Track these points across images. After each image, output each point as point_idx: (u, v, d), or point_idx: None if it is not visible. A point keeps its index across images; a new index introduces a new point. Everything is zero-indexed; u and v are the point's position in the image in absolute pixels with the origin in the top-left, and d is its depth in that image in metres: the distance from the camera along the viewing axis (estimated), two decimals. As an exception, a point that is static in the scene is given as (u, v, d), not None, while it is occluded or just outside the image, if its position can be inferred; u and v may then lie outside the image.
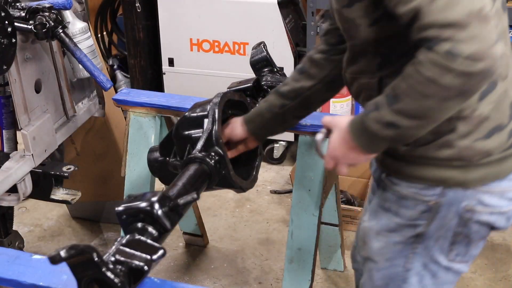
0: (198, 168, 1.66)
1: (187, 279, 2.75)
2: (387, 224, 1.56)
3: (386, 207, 1.56)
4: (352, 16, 1.41)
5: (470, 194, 1.45)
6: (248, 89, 1.97)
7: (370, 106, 1.36)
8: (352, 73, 1.55)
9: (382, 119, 1.32)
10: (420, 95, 1.26)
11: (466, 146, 1.41)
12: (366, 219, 1.63)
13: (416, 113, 1.29)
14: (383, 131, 1.33)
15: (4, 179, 2.09)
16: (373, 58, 1.46)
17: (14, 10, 2.05)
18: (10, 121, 2.27)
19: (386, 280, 1.61)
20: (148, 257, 1.27)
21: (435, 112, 1.28)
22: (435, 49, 1.20)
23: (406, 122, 1.30)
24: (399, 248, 1.56)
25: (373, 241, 1.59)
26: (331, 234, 2.61)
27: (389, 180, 1.54)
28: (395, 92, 1.30)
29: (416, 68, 1.25)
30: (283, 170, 3.54)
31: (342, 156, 1.46)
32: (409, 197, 1.49)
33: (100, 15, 4.30)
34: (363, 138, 1.39)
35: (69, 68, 2.36)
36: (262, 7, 3.23)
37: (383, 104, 1.32)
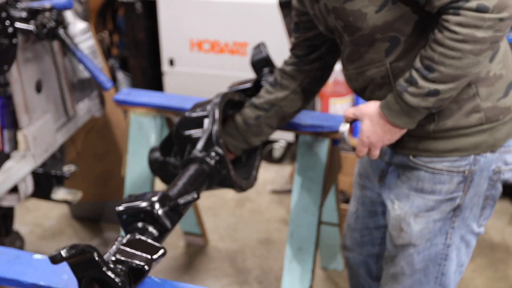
0: (198, 168, 1.67)
1: (187, 279, 2.75)
2: (424, 204, 1.61)
3: (419, 187, 1.61)
4: (357, 7, 1.45)
5: (497, 157, 1.56)
6: (248, 89, 1.98)
7: (401, 85, 1.44)
8: (355, 68, 1.58)
9: (421, 92, 1.41)
10: (457, 57, 1.35)
11: (491, 107, 1.51)
12: (396, 207, 1.66)
13: (454, 75, 1.38)
14: (423, 102, 1.42)
15: (5, 179, 2.09)
16: (380, 46, 1.50)
17: (15, 11, 2.05)
18: (11, 121, 2.27)
19: (426, 262, 1.67)
20: (149, 257, 1.28)
21: (472, 67, 1.38)
22: (463, 9, 1.31)
23: (445, 87, 1.39)
24: (439, 226, 1.62)
25: (412, 225, 1.64)
26: (331, 234, 2.61)
27: (418, 160, 1.59)
28: (427, 62, 1.39)
29: (448, 32, 1.34)
30: (283, 170, 3.54)
31: (377, 140, 1.54)
32: (444, 171, 1.57)
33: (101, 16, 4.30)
34: (402, 116, 1.47)
35: (70, 68, 2.36)
36: (262, 8, 3.24)
37: (417, 78, 1.41)
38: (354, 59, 1.58)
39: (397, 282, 1.74)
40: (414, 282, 1.71)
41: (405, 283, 1.72)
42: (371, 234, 1.92)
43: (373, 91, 1.58)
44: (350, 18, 1.48)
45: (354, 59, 1.58)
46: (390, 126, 1.50)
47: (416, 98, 1.42)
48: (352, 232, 1.96)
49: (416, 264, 1.68)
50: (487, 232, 2.97)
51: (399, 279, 1.73)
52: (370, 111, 1.53)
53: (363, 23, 1.47)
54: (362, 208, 1.89)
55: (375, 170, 1.77)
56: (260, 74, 2.04)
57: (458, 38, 1.34)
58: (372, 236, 1.92)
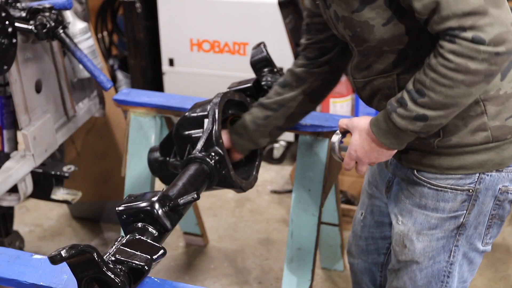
0: (198, 168, 1.67)
1: (187, 279, 2.75)
2: (427, 222, 1.58)
3: (422, 204, 1.57)
4: (364, 19, 1.42)
5: (504, 176, 1.52)
6: (248, 89, 1.97)
7: (392, 104, 1.40)
8: (364, 77, 1.56)
9: (409, 115, 1.37)
10: (448, 85, 1.30)
11: (498, 126, 1.47)
12: (400, 223, 1.63)
13: (443, 103, 1.33)
14: (411, 126, 1.38)
15: (5, 179, 2.09)
16: (387, 57, 1.48)
17: (15, 11, 2.05)
18: (11, 121, 2.27)
19: (429, 278, 1.64)
20: (148, 257, 1.28)
21: (463, 98, 1.32)
22: (459, 38, 1.26)
23: (433, 113, 1.35)
24: (442, 244, 1.59)
25: (415, 242, 1.61)
26: (331, 234, 2.61)
27: (421, 175, 1.56)
28: (419, 86, 1.34)
29: (441, 59, 1.30)
30: (283, 170, 3.54)
31: (364, 156, 1.51)
32: (448, 189, 1.53)
33: (100, 15, 4.30)
34: (389, 135, 1.43)
35: (70, 68, 2.36)
36: (262, 7, 3.24)
37: (407, 100, 1.37)
38: (362, 68, 1.56)
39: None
40: None
41: None
42: (376, 244, 1.90)
43: (380, 101, 1.55)
44: (357, 29, 1.45)
45: (362, 68, 1.56)
46: (377, 144, 1.47)
47: (404, 121, 1.39)
48: (358, 240, 1.93)
49: (419, 280, 1.65)
50: (487, 232, 2.97)
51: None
52: (360, 125, 1.50)
53: (370, 35, 1.44)
54: (370, 217, 1.87)
55: (383, 179, 1.75)
56: (260, 74, 2.04)
57: (451, 67, 1.29)
58: (377, 245, 1.90)
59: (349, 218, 2.96)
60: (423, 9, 1.30)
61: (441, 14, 1.27)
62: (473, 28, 1.24)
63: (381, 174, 1.76)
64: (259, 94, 2.00)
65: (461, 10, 1.25)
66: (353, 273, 2.02)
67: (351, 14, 1.43)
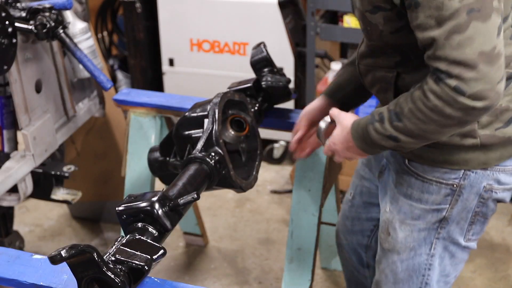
0: (198, 168, 1.67)
1: (187, 279, 2.75)
2: (410, 212, 1.60)
3: (408, 193, 1.60)
4: (375, 22, 1.44)
5: (488, 174, 1.53)
6: (248, 89, 1.97)
7: (375, 115, 1.45)
8: (367, 65, 1.59)
9: (383, 132, 1.43)
10: (422, 120, 1.36)
11: (488, 135, 1.48)
12: (387, 210, 1.66)
13: (416, 133, 1.39)
14: (382, 142, 1.44)
15: (5, 179, 2.09)
16: (391, 57, 1.51)
17: (15, 11, 2.05)
18: (11, 121, 2.27)
19: (410, 272, 1.65)
20: (148, 257, 1.28)
21: (433, 134, 1.39)
22: (443, 82, 1.29)
23: (405, 139, 1.41)
24: (424, 235, 1.61)
25: (397, 231, 1.64)
26: (331, 234, 2.61)
27: (411, 165, 1.59)
28: (399, 110, 1.39)
29: (422, 95, 1.34)
30: (283, 170, 3.54)
31: (340, 151, 1.58)
32: (433, 182, 1.55)
33: (100, 15, 4.30)
34: (362, 142, 1.50)
35: (70, 68, 2.36)
36: (262, 7, 3.23)
37: (385, 119, 1.42)
38: (368, 56, 1.59)
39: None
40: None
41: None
42: (362, 225, 1.93)
43: (379, 91, 1.58)
44: (368, 27, 1.49)
45: (368, 57, 1.59)
46: (352, 145, 1.53)
47: (378, 135, 1.44)
48: (345, 220, 1.98)
49: (399, 273, 1.67)
50: (487, 232, 2.97)
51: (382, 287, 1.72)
52: (345, 122, 1.55)
53: (377, 37, 1.48)
54: (358, 197, 1.90)
55: (377, 163, 1.78)
56: (260, 74, 2.04)
57: (428, 105, 1.33)
58: (362, 226, 1.93)
59: (349, 218, 2.96)
60: (421, 40, 1.32)
61: (435, 52, 1.29)
62: (458, 78, 1.27)
63: (376, 157, 1.79)
64: (259, 94, 2.00)
65: (453, 57, 1.27)
66: (341, 253, 2.06)
67: (364, 12, 1.46)
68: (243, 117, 1.87)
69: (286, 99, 2.06)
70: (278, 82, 2.01)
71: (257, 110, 1.97)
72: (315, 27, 3.05)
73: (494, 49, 1.27)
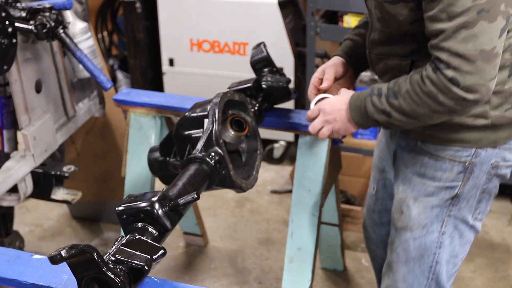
0: (198, 168, 1.67)
1: (187, 279, 2.75)
2: (424, 189, 1.67)
3: (421, 172, 1.67)
4: (395, 12, 1.50)
5: (497, 152, 1.63)
6: (248, 89, 1.97)
7: (374, 90, 1.56)
8: (380, 54, 1.65)
9: (379, 106, 1.53)
10: (416, 102, 1.47)
11: (498, 115, 1.58)
12: (400, 190, 1.73)
13: (408, 112, 1.50)
14: (375, 115, 1.55)
15: (5, 179, 2.09)
16: (408, 45, 1.56)
17: (15, 11, 2.05)
18: (11, 121, 2.27)
19: (421, 250, 1.71)
20: (148, 257, 1.28)
21: (424, 117, 1.50)
22: (441, 72, 1.41)
23: (397, 116, 1.51)
24: (436, 213, 1.68)
25: (411, 208, 1.70)
26: (331, 234, 2.61)
27: (423, 145, 1.65)
28: (397, 89, 1.50)
29: (420, 80, 1.46)
30: (283, 170, 3.54)
31: (332, 120, 1.64)
32: (446, 159, 1.62)
33: (100, 15, 4.30)
34: (358, 113, 1.59)
35: (70, 68, 2.36)
36: (262, 7, 3.23)
37: (383, 94, 1.53)
38: (381, 45, 1.63)
39: (392, 271, 1.78)
40: (408, 271, 1.74)
41: (399, 271, 1.76)
42: (389, 215, 1.97)
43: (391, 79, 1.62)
44: (386, 17, 1.54)
45: (381, 45, 1.63)
46: (346, 116, 1.62)
47: (373, 108, 1.55)
48: (371, 214, 2.03)
49: (411, 251, 1.72)
50: (487, 232, 2.97)
51: (394, 267, 1.77)
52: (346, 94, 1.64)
53: (396, 26, 1.54)
54: (382, 190, 1.96)
55: (390, 153, 1.83)
56: (260, 74, 2.04)
57: (424, 90, 1.44)
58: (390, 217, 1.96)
59: (349, 218, 2.96)
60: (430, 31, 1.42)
61: (440, 43, 1.40)
62: (456, 69, 1.39)
63: (388, 148, 1.85)
64: (259, 94, 2.00)
65: (456, 49, 1.38)
66: (369, 245, 2.11)
67: (383, 2, 1.52)
68: (243, 117, 1.87)
69: (286, 99, 2.06)
70: (278, 82, 2.01)
71: (257, 110, 1.97)
72: (315, 27, 3.05)
73: (493, 49, 1.38)
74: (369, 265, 2.79)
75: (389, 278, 1.80)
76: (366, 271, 2.76)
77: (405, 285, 1.75)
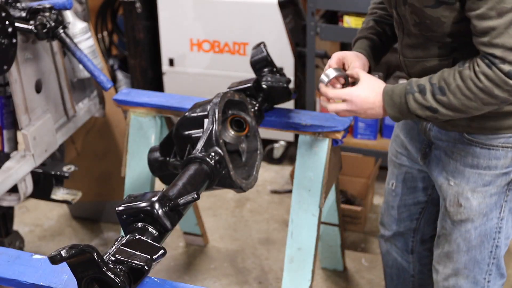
0: (198, 168, 1.67)
1: (187, 279, 2.75)
2: (480, 179, 1.69)
3: (474, 164, 1.68)
4: (437, 15, 1.51)
5: None
6: (248, 89, 1.97)
7: (414, 86, 1.55)
8: (416, 57, 1.65)
9: (424, 103, 1.54)
10: (468, 97, 1.49)
11: None
12: (452, 184, 1.74)
13: (457, 107, 1.52)
14: (418, 111, 1.55)
15: (5, 179, 2.09)
16: (448, 44, 1.57)
17: (15, 11, 2.05)
18: (11, 121, 2.28)
19: (482, 237, 1.74)
20: (148, 257, 1.28)
21: (474, 110, 1.53)
22: (496, 67, 1.44)
23: (444, 111, 1.53)
24: (495, 200, 1.71)
25: (471, 200, 1.71)
26: (331, 234, 2.61)
27: (473, 137, 1.67)
28: (443, 85, 1.52)
29: (474, 76, 1.47)
30: (283, 170, 3.54)
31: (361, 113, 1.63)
32: (499, 147, 1.65)
33: (100, 15, 4.30)
34: (395, 109, 1.59)
35: (70, 68, 2.36)
36: (262, 7, 3.23)
37: (427, 91, 1.53)
38: (416, 48, 1.64)
39: (451, 261, 1.80)
40: (469, 259, 1.77)
41: (460, 260, 1.78)
42: (409, 210, 2.00)
43: None
44: (427, 21, 1.54)
45: (416, 49, 1.64)
46: (379, 108, 1.62)
47: (416, 105, 1.55)
48: (390, 210, 2.03)
49: (473, 240, 1.75)
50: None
51: (454, 257, 1.79)
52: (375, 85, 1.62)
53: (439, 29, 1.54)
54: (402, 185, 1.97)
55: (416, 148, 1.84)
56: (260, 74, 2.04)
57: (479, 85, 1.47)
58: (410, 211, 2.00)
59: (349, 218, 2.96)
60: (479, 29, 1.44)
61: (492, 40, 1.42)
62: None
63: (412, 143, 1.86)
64: (259, 94, 2.00)
65: (510, 44, 1.41)
66: (383, 243, 2.11)
67: (423, 7, 1.52)
68: (243, 117, 1.87)
69: (286, 99, 2.06)
70: (278, 82, 2.01)
71: (257, 110, 1.97)
72: (315, 27, 3.05)
73: None
74: (369, 265, 2.79)
75: (448, 268, 1.82)
76: (366, 271, 2.76)
77: (467, 271, 1.78)
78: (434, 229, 2.04)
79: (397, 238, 2.07)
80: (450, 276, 1.82)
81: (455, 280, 1.81)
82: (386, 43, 1.86)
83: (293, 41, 3.28)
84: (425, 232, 2.04)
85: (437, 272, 1.86)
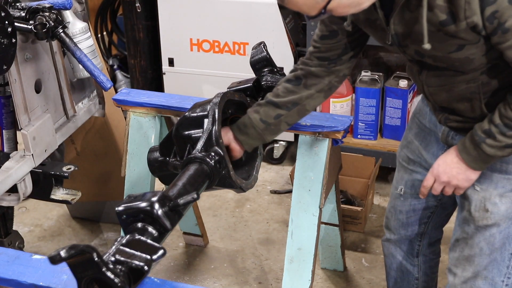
0: (198, 168, 1.67)
1: (187, 279, 2.75)
2: (509, 184, 1.71)
3: (503, 169, 1.70)
4: (464, 56, 1.53)
5: None
6: (248, 89, 1.97)
7: (479, 136, 1.60)
8: (441, 85, 1.66)
9: (499, 144, 1.59)
10: None
11: None
12: (478, 189, 1.74)
13: None
14: (500, 152, 1.60)
15: (4, 179, 2.09)
16: (477, 71, 1.58)
17: (14, 10, 2.05)
18: (10, 121, 2.27)
19: (504, 239, 1.75)
20: (148, 257, 1.27)
21: None
22: None
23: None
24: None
25: (499, 205, 1.72)
26: (331, 234, 2.61)
27: None
28: (506, 121, 1.56)
29: None
30: (283, 170, 3.54)
31: (453, 177, 1.69)
32: None
33: (100, 15, 4.30)
34: (478, 161, 1.64)
35: (69, 68, 2.36)
36: (262, 7, 3.23)
37: (495, 133, 1.58)
38: (441, 77, 1.64)
39: (472, 264, 1.79)
40: (491, 261, 1.77)
41: (482, 263, 1.78)
42: (417, 215, 1.99)
43: (459, 102, 1.65)
44: (455, 63, 1.56)
45: (441, 77, 1.64)
46: (467, 173, 1.66)
47: (494, 149, 1.59)
48: (397, 214, 2.02)
49: (496, 243, 1.75)
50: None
51: (475, 260, 1.78)
52: (447, 158, 1.68)
53: (469, 66, 1.56)
54: (411, 190, 1.96)
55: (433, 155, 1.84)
56: (260, 74, 2.03)
57: None
58: (418, 216, 2.00)
59: (349, 218, 2.96)
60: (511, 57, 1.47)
61: None
62: None
63: (428, 149, 1.86)
64: (259, 94, 2.00)
65: None
66: (387, 247, 2.11)
67: (447, 54, 1.53)
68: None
69: (286, 99, 2.06)
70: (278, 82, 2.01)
71: (257, 110, 1.97)
72: (315, 27, 3.04)
73: None
74: (369, 265, 2.79)
75: (467, 271, 1.81)
76: (366, 271, 2.76)
77: (486, 272, 1.78)
78: (441, 232, 2.06)
79: (403, 242, 2.06)
80: (469, 279, 1.81)
81: (473, 281, 1.80)
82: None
83: (293, 41, 3.28)
84: (432, 235, 2.04)
85: (454, 275, 1.84)
